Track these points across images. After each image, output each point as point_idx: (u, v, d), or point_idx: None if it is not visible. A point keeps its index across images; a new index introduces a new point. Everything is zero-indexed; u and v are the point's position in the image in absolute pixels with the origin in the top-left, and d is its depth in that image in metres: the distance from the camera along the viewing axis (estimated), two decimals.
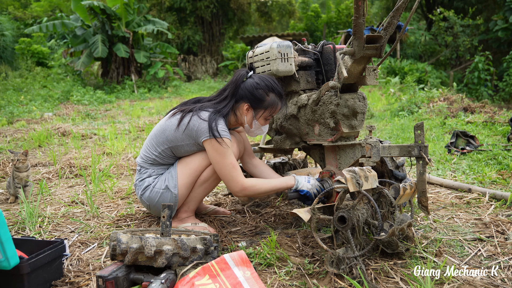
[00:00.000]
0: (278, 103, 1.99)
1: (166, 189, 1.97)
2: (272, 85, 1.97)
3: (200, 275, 1.39)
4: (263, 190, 1.90)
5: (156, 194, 1.99)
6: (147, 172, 2.05)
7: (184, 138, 1.93)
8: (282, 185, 1.95)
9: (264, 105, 1.97)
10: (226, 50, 19.60)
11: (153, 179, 2.03)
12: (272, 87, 1.97)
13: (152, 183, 2.01)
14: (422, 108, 6.95)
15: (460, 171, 3.12)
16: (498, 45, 15.93)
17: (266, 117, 2.01)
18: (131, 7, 13.45)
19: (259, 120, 2.02)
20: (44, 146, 4.81)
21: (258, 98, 1.95)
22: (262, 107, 1.97)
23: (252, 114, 1.99)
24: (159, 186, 1.98)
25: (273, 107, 1.98)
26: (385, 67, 13.38)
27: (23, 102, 9.93)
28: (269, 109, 1.98)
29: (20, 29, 18.90)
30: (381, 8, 22.24)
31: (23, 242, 1.63)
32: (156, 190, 1.99)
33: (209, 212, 2.31)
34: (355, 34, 1.56)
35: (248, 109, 1.98)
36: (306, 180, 1.97)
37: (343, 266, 1.47)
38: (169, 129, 1.96)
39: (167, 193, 1.97)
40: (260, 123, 2.03)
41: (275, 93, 1.97)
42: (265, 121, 2.04)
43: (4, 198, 2.82)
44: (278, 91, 1.98)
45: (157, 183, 2.00)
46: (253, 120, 2.01)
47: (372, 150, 1.76)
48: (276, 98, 1.98)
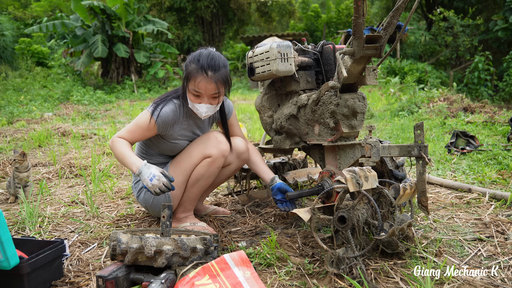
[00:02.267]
0: (196, 75, 1.80)
1: None
2: (198, 56, 1.82)
3: (200, 275, 1.39)
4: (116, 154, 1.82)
5: (150, 195, 2.01)
6: None
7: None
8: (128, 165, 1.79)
9: (186, 76, 1.84)
10: (226, 50, 19.60)
11: None
12: (197, 58, 1.81)
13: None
14: (422, 108, 6.95)
15: (460, 171, 3.12)
16: (498, 45, 15.93)
17: (192, 92, 1.84)
18: (131, 7, 13.45)
19: (189, 95, 1.87)
20: (44, 146, 4.81)
21: (184, 70, 1.86)
22: (186, 79, 1.85)
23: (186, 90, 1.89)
24: None
25: (191, 78, 1.82)
26: (385, 67, 13.38)
27: (23, 102, 9.93)
28: (190, 80, 1.83)
29: (20, 29, 18.90)
30: (381, 8, 22.25)
31: (23, 242, 1.63)
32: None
33: (209, 212, 2.31)
34: (355, 34, 1.56)
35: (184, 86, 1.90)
36: (149, 176, 1.70)
37: (343, 266, 1.47)
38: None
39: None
40: (190, 100, 1.88)
41: (195, 63, 1.81)
42: (195, 98, 1.86)
43: (4, 198, 2.82)
44: (202, 62, 1.79)
45: None
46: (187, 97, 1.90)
47: (372, 150, 1.76)
48: (194, 69, 1.80)
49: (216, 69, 1.82)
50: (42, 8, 21.98)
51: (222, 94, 1.88)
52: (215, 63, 1.82)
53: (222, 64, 1.85)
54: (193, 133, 2.05)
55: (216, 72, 1.82)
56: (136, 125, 1.89)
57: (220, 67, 1.83)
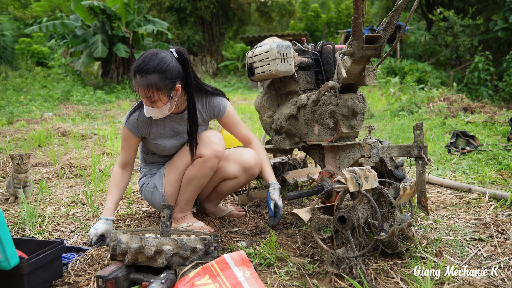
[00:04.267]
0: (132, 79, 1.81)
1: (155, 188, 2.05)
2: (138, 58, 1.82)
3: (200, 275, 1.39)
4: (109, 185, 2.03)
5: (149, 193, 2.08)
6: (143, 172, 2.17)
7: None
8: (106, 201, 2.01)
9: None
10: (226, 50, 19.60)
11: (146, 178, 2.13)
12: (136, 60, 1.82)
13: (145, 183, 2.12)
14: (422, 108, 6.95)
15: (460, 171, 3.12)
16: (498, 45, 15.92)
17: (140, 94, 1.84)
18: (131, 7, 13.44)
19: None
20: (44, 146, 4.81)
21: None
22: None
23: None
24: (150, 185, 2.08)
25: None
26: (385, 67, 13.37)
27: (23, 102, 9.93)
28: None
29: (20, 29, 18.89)
30: (381, 8, 22.24)
31: (23, 242, 1.63)
32: (148, 189, 2.08)
33: (224, 215, 2.28)
34: (355, 34, 1.56)
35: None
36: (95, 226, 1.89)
37: (343, 266, 1.47)
38: None
39: (156, 192, 2.05)
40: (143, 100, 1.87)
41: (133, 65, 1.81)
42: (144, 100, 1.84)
43: (4, 198, 2.82)
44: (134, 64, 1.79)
45: (149, 182, 2.09)
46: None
47: (372, 150, 1.76)
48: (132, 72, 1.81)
49: (144, 73, 1.75)
50: (42, 8, 21.97)
51: (156, 99, 1.79)
52: (145, 66, 1.76)
53: (152, 68, 1.75)
54: (175, 132, 2.01)
55: (143, 76, 1.76)
56: (121, 140, 2.03)
57: (149, 71, 1.75)
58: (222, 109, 2.08)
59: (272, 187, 2.00)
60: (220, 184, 2.14)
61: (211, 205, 2.27)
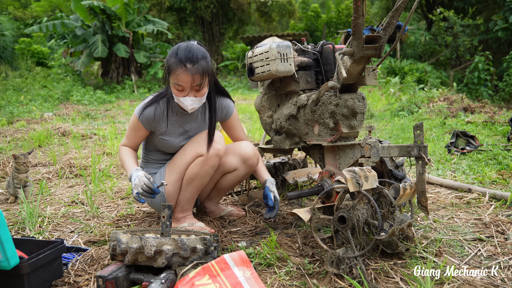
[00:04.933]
0: (175, 68, 1.81)
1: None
2: (177, 50, 1.84)
3: (200, 275, 1.40)
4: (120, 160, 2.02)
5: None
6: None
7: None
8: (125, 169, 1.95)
9: (167, 71, 1.87)
10: (226, 50, 19.60)
11: None
12: (176, 52, 1.83)
13: None
14: (422, 108, 6.95)
15: (460, 171, 3.12)
16: (498, 45, 15.92)
17: (173, 85, 1.86)
18: (131, 7, 13.45)
19: (173, 89, 1.89)
20: (44, 146, 4.81)
21: (166, 66, 1.88)
22: (168, 73, 1.87)
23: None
24: None
25: (172, 72, 1.83)
26: (385, 67, 13.37)
27: (23, 102, 9.93)
28: (171, 75, 1.84)
29: (20, 29, 18.90)
30: (381, 8, 22.24)
31: (23, 242, 1.63)
32: None
33: (224, 215, 2.28)
34: (354, 34, 1.56)
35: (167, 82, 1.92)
36: (134, 178, 1.82)
37: (343, 266, 1.47)
38: None
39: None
40: (174, 93, 1.89)
41: (174, 57, 1.82)
42: (178, 92, 1.86)
43: (4, 198, 2.82)
44: (180, 55, 1.81)
45: None
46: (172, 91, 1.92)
47: (372, 150, 1.76)
48: (174, 62, 1.82)
49: (195, 61, 1.81)
50: (42, 8, 21.97)
51: (204, 85, 1.87)
52: (193, 55, 1.81)
53: (200, 55, 1.83)
54: (183, 130, 2.04)
55: (195, 64, 1.81)
56: (129, 128, 2.03)
57: (199, 58, 1.82)
58: (230, 112, 2.15)
59: (270, 182, 2.04)
60: (220, 180, 2.15)
61: (212, 203, 2.27)
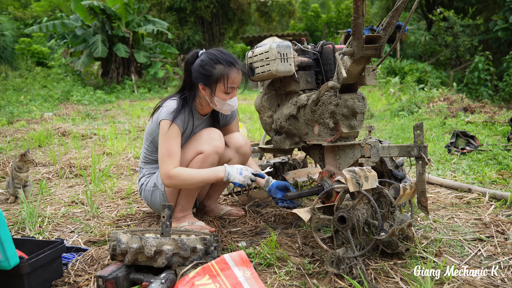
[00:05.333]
0: (228, 72, 1.89)
1: (155, 187, 2.04)
2: (218, 56, 1.90)
3: (200, 275, 1.40)
4: (189, 180, 1.85)
5: (148, 193, 2.07)
6: (142, 172, 2.15)
7: (155, 128, 1.99)
8: (211, 176, 1.87)
9: (214, 79, 1.90)
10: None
11: (145, 178, 2.12)
12: (218, 59, 1.89)
13: (144, 182, 2.11)
14: (422, 108, 6.95)
15: (460, 171, 3.12)
16: (498, 45, 15.92)
17: (223, 90, 1.91)
18: (131, 7, 13.45)
19: (218, 95, 1.93)
20: (44, 146, 4.81)
21: (206, 74, 1.91)
22: (213, 81, 1.90)
23: (210, 92, 1.94)
24: (150, 184, 2.07)
25: (224, 78, 1.89)
26: (385, 67, 13.38)
27: (23, 102, 9.93)
28: (221, 81, 1.89)
29: (20, 29, 18.91)
30: (381, 8, 22.24)
31: (23, 242, 1.63)
32: (148, 189, 2.07)
33: (223, 214, 2.29)
34: (355, 34, 1.56)
35: (203, 88, 1.95)
36: (237, 171, 1.89)
37: (343, 266, 1.47)
38: (149, 123, 2.07)
39: (156, 191, 2.04)
40: (221, 98, 1.93)
41: (221, 63, 1.89)
42: (227, 95, 1.93)
43: (4, 198, 2.82)
44: (225, 60, 1.89)
45: (148, 182, 2.08)
46: (213, 98, 1.95)
47: (372, 150, 1.76)
48: (224, 68, 1.89)
49: (238, 60, 1.95)
50: (42, 8, 21.98)
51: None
52: (232, 56, 1.95)
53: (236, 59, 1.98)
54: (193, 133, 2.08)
55: (239, 65, 1.95)
56: (170, 140, 1.88)
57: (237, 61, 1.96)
58: (234, 115, 2.21)
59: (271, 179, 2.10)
60: None
61: (211, 201, 2.28)
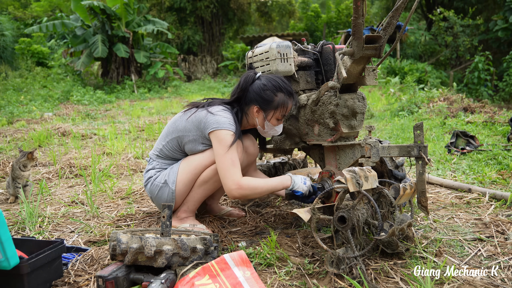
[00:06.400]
0: (287, 102, 1.96)
1: (165, 184, 2.01)
2: (280, 84, 1.95)
3: (200, 275, 1.40)
4: (259, 189, 1.87)
5: (156, 188, 2.03)
6: (152, 164, 2.11)
7: (191, 129, 1.96)
8: (278, 185, 1.92)
9: (273, 106, 1.95)
10: (226, 50, 19.61)
11: (155, 171, 2.08)
12: (280, 87, 1.94)
13: (153, 176, 2.07)
14: (422, 108, 6.95)
15: (460, 171, 3.12)
16: (498, 45, 15.92)
17: (277, 117, 1.99)
18: (131, 7, 13.45)
19: (271, 121, 2.00)
20: (44, 146, 4.81)
21: (266, 99, 1.94)
22: (272, 107, 1.96)
23: (263, 116, 1.98)
24: (159, 180, 2.03)
25: (283, 106, 1.96)
26: (385, 67, 13.37)
27: (23, 102, 9.94)
28: (279, 109, 1.96)
29: (20, 29, 18.91)
30: (381, 8, 22.24)
31: (23, 242, 1.63)
32: (156, 184, 2.03)
33: (223, 214, 2.29)
34: (355, 34, 1.56)
35: (258, 111, 1.98)
36: (302, 181, 1.94)
37: (343, 266, 1.47)
38: (180, 120, 2.03)
39: (165, 188, 2.01)
40: (272, 124, 2.01)
41: (283, 92, 1.95)
42: (278, 122, 2.01)
43: (4, 198, 2.82)
44: (286, 90, 1.96)
45: (158, 176, 2.05)
46: (264, 122, 2.00)
47: (372, 150, 1.76)
48: (285, 98, 1.95)
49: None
50: (42, 8, 21.98)
51: None
52: (291, 86, 2.01)
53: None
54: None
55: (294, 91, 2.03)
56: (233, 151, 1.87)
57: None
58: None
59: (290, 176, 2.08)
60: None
61: (213, 200, 2.29)
